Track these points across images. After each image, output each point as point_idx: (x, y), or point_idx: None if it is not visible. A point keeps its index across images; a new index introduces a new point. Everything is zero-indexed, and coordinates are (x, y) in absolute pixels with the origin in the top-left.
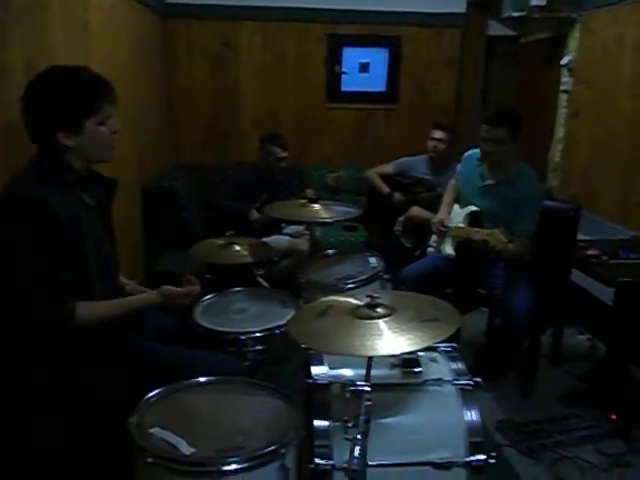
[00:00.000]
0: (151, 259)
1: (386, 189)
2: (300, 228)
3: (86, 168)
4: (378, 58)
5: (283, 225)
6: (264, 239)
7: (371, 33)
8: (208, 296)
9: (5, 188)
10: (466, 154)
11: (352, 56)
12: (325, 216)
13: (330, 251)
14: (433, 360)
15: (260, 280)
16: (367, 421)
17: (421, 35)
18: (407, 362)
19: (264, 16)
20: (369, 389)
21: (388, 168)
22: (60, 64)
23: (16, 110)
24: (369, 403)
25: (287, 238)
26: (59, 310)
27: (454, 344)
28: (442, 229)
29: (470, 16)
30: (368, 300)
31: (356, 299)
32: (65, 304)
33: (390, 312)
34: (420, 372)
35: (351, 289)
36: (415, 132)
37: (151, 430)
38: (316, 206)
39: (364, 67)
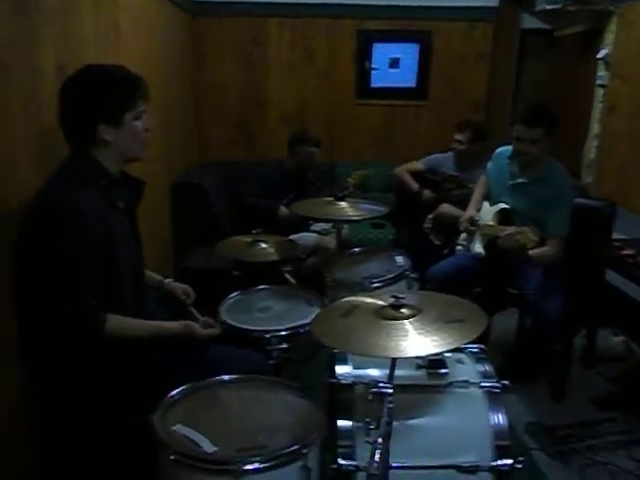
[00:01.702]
0: (180, 255)
1: (415, 186)
2: (328, 226)
3: (120, 170)
4: (408, 53)
5: (311, 222)
6: (292, 236)
7: (401, 28)
8: (233, 294)
9: (39, 191)
10: (497, 151)
11: (382, 52)
12: (352, 214)
13: (356, 249)
14: (459, 361)
15: (287, 277)
16: (389, 423)
17: (452, 29)
18: (433, 363)
19: (293, 12)
20: (391, 391)
21: (418, 165)
22: (94, 64)
23: (49, 112)
24: (391, 405)
25: (315, 235)
26: (89, 319)
27: (482, 345)
28: (470, 227)
29: (503, 9)
30: (393, 300)
31: (381, 299)
32: (96, 314)
33: (415, 313)
34: (446, 374)
35: (377, 288)
36: (446, 128)
37: (174, 427)
38: (343, 204)
39: (394, 63)
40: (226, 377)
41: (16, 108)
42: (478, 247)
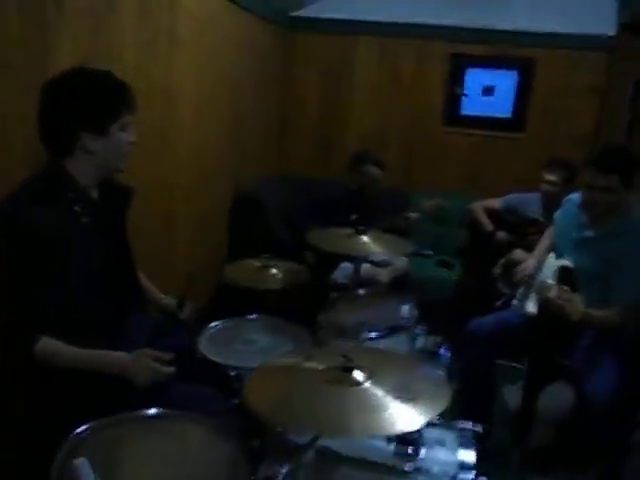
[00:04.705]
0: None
1: (489, 226)
2: (387, 257)
3: (98, 182)
4: (505, 81)
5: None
6: (343, 264)
7: (500, 54)
8: (219, 321)
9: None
10: (567, 197)
11: (475, 78)
12: (371, 250)
13: (362, 290)
14: (440, 442)
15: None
16: None
17: (559, 58)
18: (403, 439)
19: (383, 31)
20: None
21: (495, 203)
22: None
23: None
24: None
25: (368, 266)
26: (24, 335)
27: (481, 426)
28: (521, 279)
29: (621, 39)
30: (342, 360)
31: (332, 357)
32: (28, 332)
33: (365, 379)
34: (415, 455)
35: (371, 338)
36: (542, 165)
37: (75, 461)
38: (364, 238)
39: (488, 90)
40: (150, 412)
41: (17, 107)
42: (531, 306)
